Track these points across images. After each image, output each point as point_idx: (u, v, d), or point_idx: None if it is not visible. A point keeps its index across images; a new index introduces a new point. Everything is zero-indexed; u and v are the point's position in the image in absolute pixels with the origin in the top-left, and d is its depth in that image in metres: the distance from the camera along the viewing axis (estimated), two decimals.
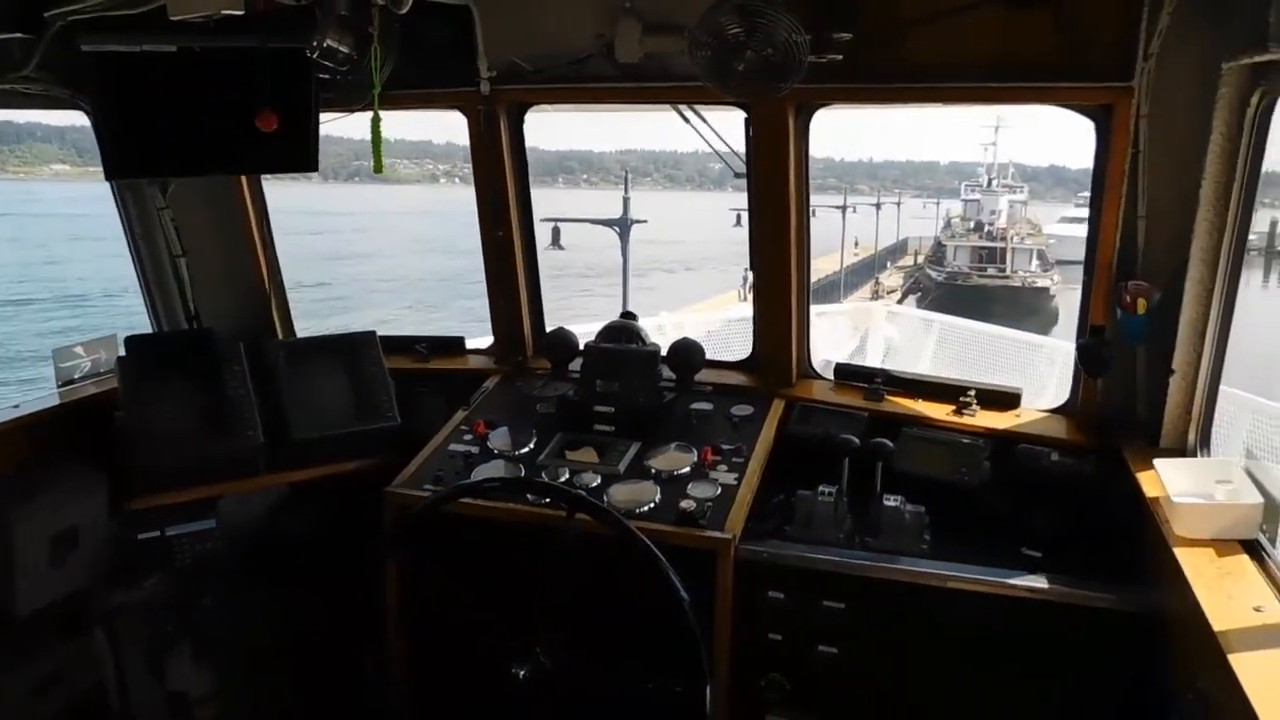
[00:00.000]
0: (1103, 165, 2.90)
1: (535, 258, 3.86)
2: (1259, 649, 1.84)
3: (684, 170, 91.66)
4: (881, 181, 74.85)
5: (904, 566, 2.71)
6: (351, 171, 75.48)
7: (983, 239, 41.49)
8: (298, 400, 3.48)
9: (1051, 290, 37.54)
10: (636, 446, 3.20)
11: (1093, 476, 2.92)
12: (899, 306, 21.82)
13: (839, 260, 37.09)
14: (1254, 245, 11.89)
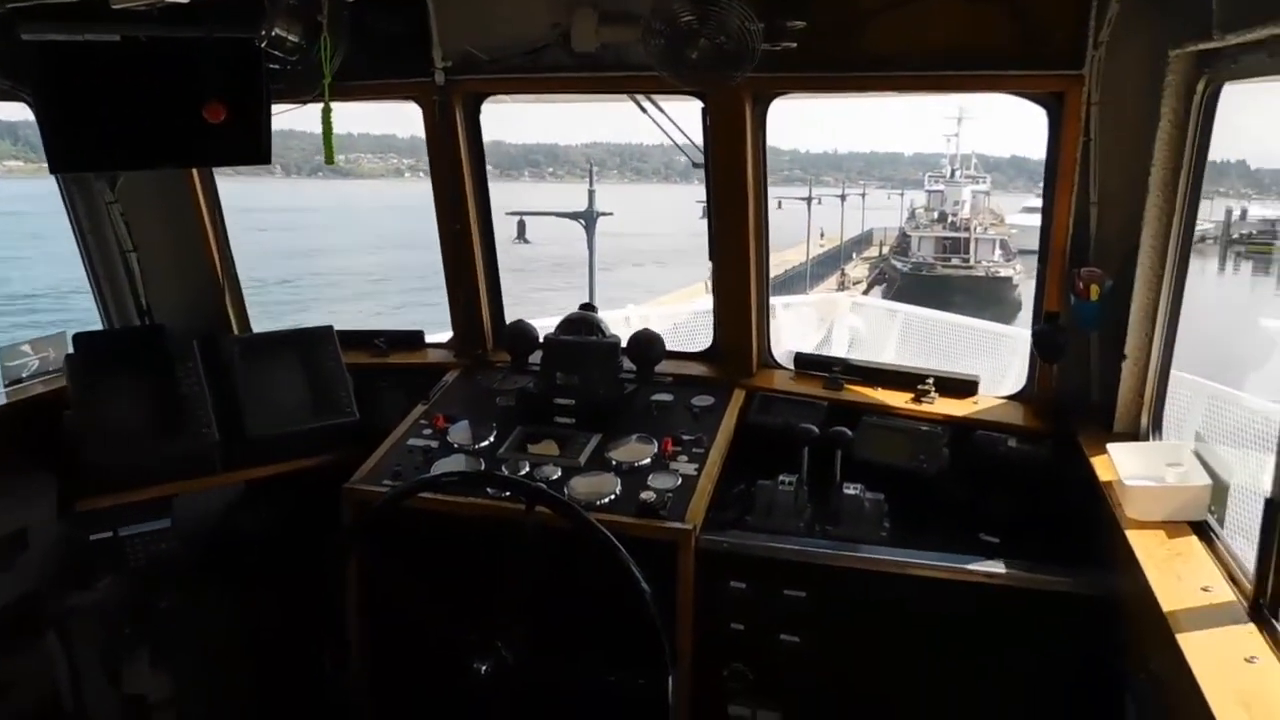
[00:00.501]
0: (1055, 153, 2.93)
1: (494, 250, 3.83)
2: (1206, 628, 1.87)
3: (650, 163, 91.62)
4: (846, 173, 75.23)
5: (864, 554, 2.72)
6: (315, 166, 74.70)
7: (947, 229, 41.88)
8: (253, 396, 3.43)
9: (1014, 280, 37.97)
10: (597, 438, 3.19)
11: (1049, 461, 2.95)
12: (864, 297, 21.95)
13: (805, 252, 37.28)
14: (1210, 234, 12.13)
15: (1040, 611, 2.57)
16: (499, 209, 4.11)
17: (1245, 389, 5.00)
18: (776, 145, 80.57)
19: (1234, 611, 1.93)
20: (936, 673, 2.67)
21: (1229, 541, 2.21)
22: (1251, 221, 34.87)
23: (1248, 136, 3.15)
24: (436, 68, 3.33)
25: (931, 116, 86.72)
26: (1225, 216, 37.94)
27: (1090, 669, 2.50)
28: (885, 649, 2.71)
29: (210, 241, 3.80)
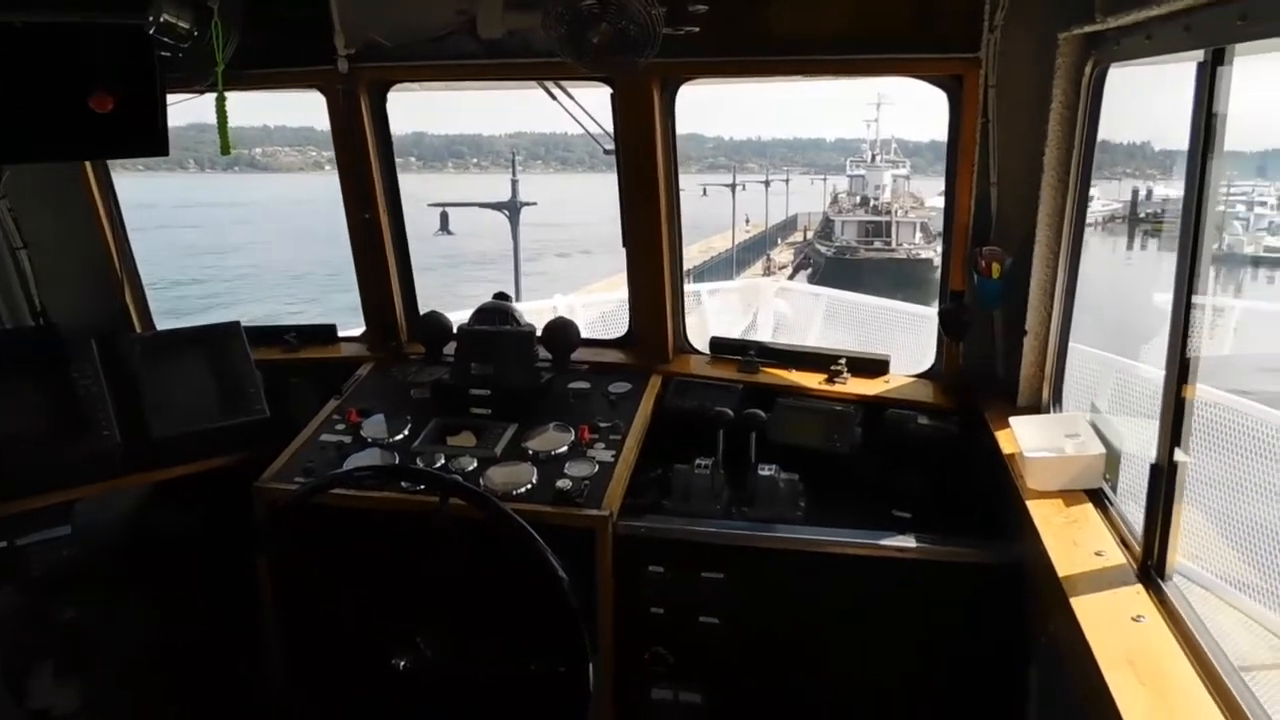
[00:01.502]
0: (956, 135, 2.99)
1: (405, 240, 3.76)
2: (1098, 591, 1.94)
3: (575, 152, 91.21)
4: (770, 159, 75.98)
5: (780, 534, 2.75)
6: (230, 161, 72.72)
7: (869, 213, 42.59)
8: (157, 396, 3.32)
9: (935, 261, 38.72)
10: (514, 428, 3.17)
11: (956, 437, 3.03)
12: (789, 282, 22.20)
13: (730, 238, 37.56)
14: (1118, 214, 12.52)
15: (951, 583, 2.63)
16: (421, 200, 4.05)
17: (1141, 359, 5.21)
18: (700, 132, 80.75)
19: (1124, 574, 2.00)
20: (853, 646, 2.73)
21: (1122, 508, 2.29)
22: (1156, 201, 36.20)
23: (1153, 118, 3.28)
24: (339, 55, 3.24)
25: (852, 103, 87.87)
26: (1132, 196, 39.32)
27: (999, 636, 2.57)
28: (803, 626, 2.75)
29: (107, 237, 3.66)
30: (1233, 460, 4.71)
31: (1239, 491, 4.70)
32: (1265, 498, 4.63)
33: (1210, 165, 1.85)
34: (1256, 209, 24.13)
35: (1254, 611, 4.60)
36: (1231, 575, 4.47)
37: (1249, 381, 5.60)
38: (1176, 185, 2.02)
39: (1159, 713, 1.55)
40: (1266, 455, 4.71)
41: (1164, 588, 1.89)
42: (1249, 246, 22.98)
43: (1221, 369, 6.03)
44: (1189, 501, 2.02)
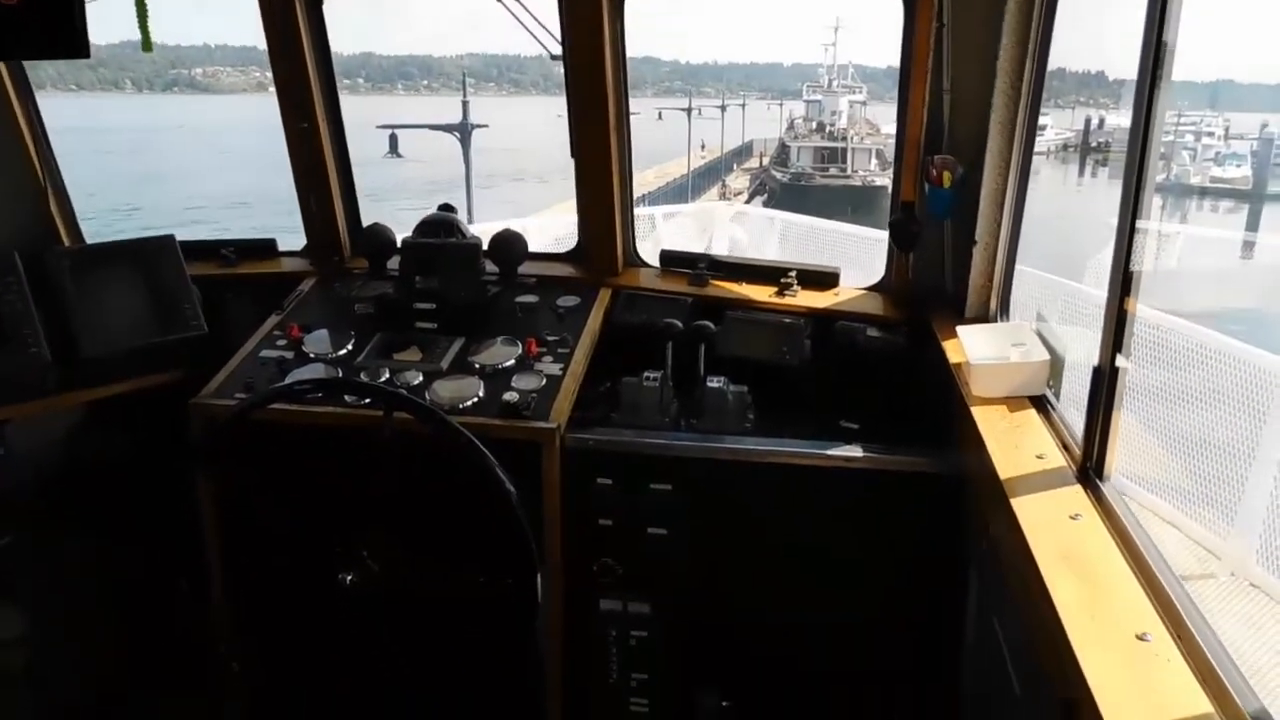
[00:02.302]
0: (910, 41, 2.93)
1: (346, 150, 3.63)
2: (1037, 491, 1.96)
3: (528, 74, 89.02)
4: (727, 84, 74.92)
5: (728, 445, 2.75)
6: (169, 81, 69.90)
7: (825, 140, 42.33)
8: (87, 313, 3.20)
9: (889, 189, 38.66)
10: (460, 342, 3.12)
11: (905, 349, 3.03)
12: (745, 206, 22.10)
13: (686, 164, 37.17)
14: (1070, 143, 12.60)
15: (897, 492, 2.66)
16: (368, 123, 3.89)
17: (1087, 281, 5.28)
18: (657, 55, 79.06)
19: (1064, 475, 2.03)
20: (799, 555, 2.76)
21: (1064, 413, 2.31)
22: (1108, 130, 36.47)
23: (1107, 47, 3.26)
24: None
25: (811, 26, 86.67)
26: (1085, 125, 39.57)
27: (942, 542, 2.61)
28: (750, 536, 2.77)
29: (27, 145, 3.47)
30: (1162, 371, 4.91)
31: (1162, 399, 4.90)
32: (1185, 405, 4.83)
33: (1158, 93, 1.84)
34: (1204, 139, 24.40)
35: (1180, 523, 4.80)
36: (1157, 480, 4.66)
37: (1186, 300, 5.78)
38: (1129, 115, 2.00)
39: (1092, 604, 1.57)
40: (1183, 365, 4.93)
41: (1101, 488, 1.92)
42: (1195, 177, 23.31)
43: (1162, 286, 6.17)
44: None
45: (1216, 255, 9.88)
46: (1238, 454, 4.97)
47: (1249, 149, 24.03)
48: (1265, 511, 5.01)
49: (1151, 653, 1.46)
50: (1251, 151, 23.86)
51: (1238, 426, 5.00)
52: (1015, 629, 1.77)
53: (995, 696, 1.94)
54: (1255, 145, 23.81)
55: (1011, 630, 1.81)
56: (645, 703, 2.94)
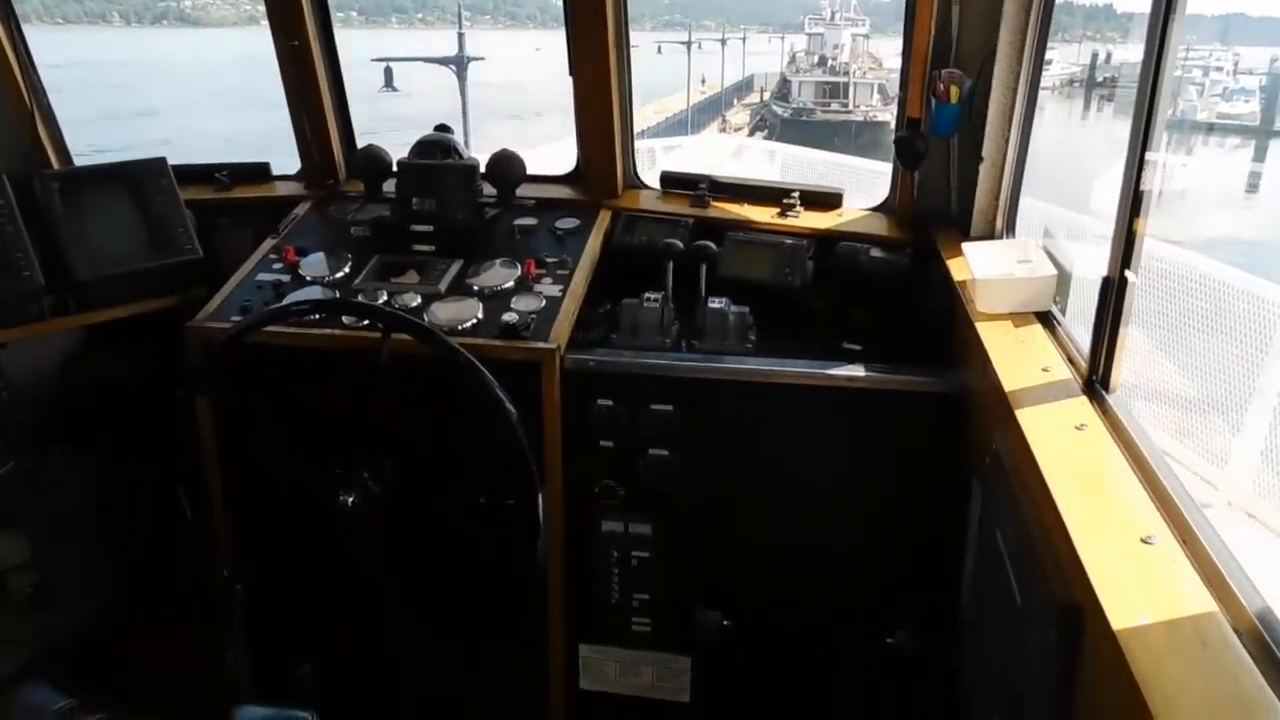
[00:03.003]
0: None
1: (339, 70, 3.54)
2: (1042, 403, 1.94)
3: (525, 7, 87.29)
4: (728, 17, 73.38)
5: (729, 365, 2.73)
6: (158, 14, 68.41)
7: (826, 74, 41.61)
8: (79, 236, 3.14)
9: (892, 125, 38.14)
10: (458, 265, 3.08)
11: (909, 269, 2.99)
12: (746, 139, 21.82)
13: (685, 99, 36.60)
14: (1076, 78, 12.41)
15: (899, 411, 2.65)
16: (363, 57, 3.79)
17: (1092, 211, 5.23)
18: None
19: (1069, 387, 2.01)
20: (800, 476, 2.75)
21: (1070, 328, 2.29)
22: (1114, 65, 35.85)
23: None
24: None
25: None
26: (1091, 60, 38.86)
27: (944, 461, 2.61)
28: (751, 457, 2.76)
29: (13, 67, 3.38)
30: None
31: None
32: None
33: (1172, 22, 1.78)
34: (1212, 74, 23.91)
35: (1177, 454, 4.84)
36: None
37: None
38: (1135, 49, 1.94)
39: (1096, 510, 1.56)
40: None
41: (1107, 399, 1.90)
42: (1203, 113, 22.89)
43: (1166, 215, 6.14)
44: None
45: (1221, 189, 9.79)
46: (1238, 382, 4.99)
47: (1258, 84, 23.60)
48: (1264, 442, 5.04)
49: (1156, 555, 1.45)
50: (1260, 87, 23.43)
51: (1239, 356, 5.00)
52: (1018, 540, 1.77)
53: (996, 607, 1.95)
54: (1264, 80, 23.38)
55: (1014, 542, 1.80)
56: (647, 622, 2.97)
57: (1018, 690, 1.73)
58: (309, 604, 2.96)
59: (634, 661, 3.03)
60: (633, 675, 3.04)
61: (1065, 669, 1.50)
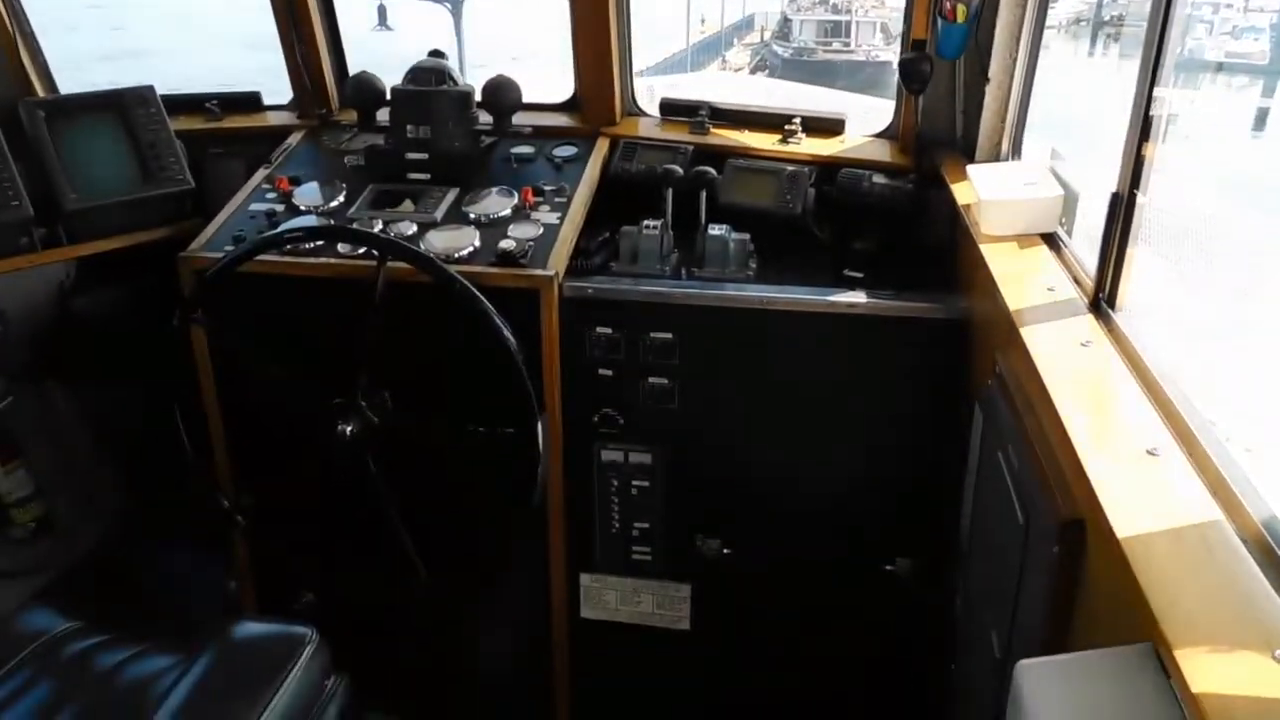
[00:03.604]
0: None
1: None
2: (1047, 321, 1.92)
3: None
4: None
5: (729, 292, 2.70)
6: None
7: (828, 12, 40.82)
8: (67, 165, 3.09)
9: (894, 65, 37.53)
10: (454, 193, 3.03)
11: (912, 195, 2.95)
12: (746, 78, 21.50)
13: (685, 38, 35.97)
14: (1083, 16, 12.06)
15: (901, 337, 2.62)
16: None
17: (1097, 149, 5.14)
18: None
19: (1075, 306, 1.98)
20: (801, 404, 2.74)
21: (1076, 249, 2.25)
22: (1121, 2, 35.21)
23: None
24: None
25: None
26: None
27: (946, 386, 2.59)
28: (752, 385, 2.75)
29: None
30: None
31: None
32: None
33: None
34: (1222, 11, 23.46)
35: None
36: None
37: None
38: None
39: (1101, 424, 1.55)
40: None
41: (1113, 316, 1.87)
42: (1210, 52, 22.50)
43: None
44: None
45: (1228, 127, 9.64)
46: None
47: (1269, 21, 23.20)
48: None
49: (1161, 466, 1.44)
50: (1270, 25, 23.03)
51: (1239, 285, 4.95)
52: (1020, 459, 1.76)
53: (997, 528, 1.95)
54: (1275, 18, 22.98)
55: (1016, 460, 1.79)
56: (647, 550, 2.98)
57: (1016, 606, 1.73)
58: (310, 534, 2.97)
59: (634, 590, 3.05)
60: (633, 603, 3.07)
61: (1067, 581, 1.50)
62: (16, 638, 2.01)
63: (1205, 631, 1.10)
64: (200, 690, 1.56)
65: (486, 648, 3.19)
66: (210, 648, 1.66)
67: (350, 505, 2.87)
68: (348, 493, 2.81)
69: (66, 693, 1.87)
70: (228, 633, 1.70)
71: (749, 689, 3.12)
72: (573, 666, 3.16)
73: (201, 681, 1.58)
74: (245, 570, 3.12)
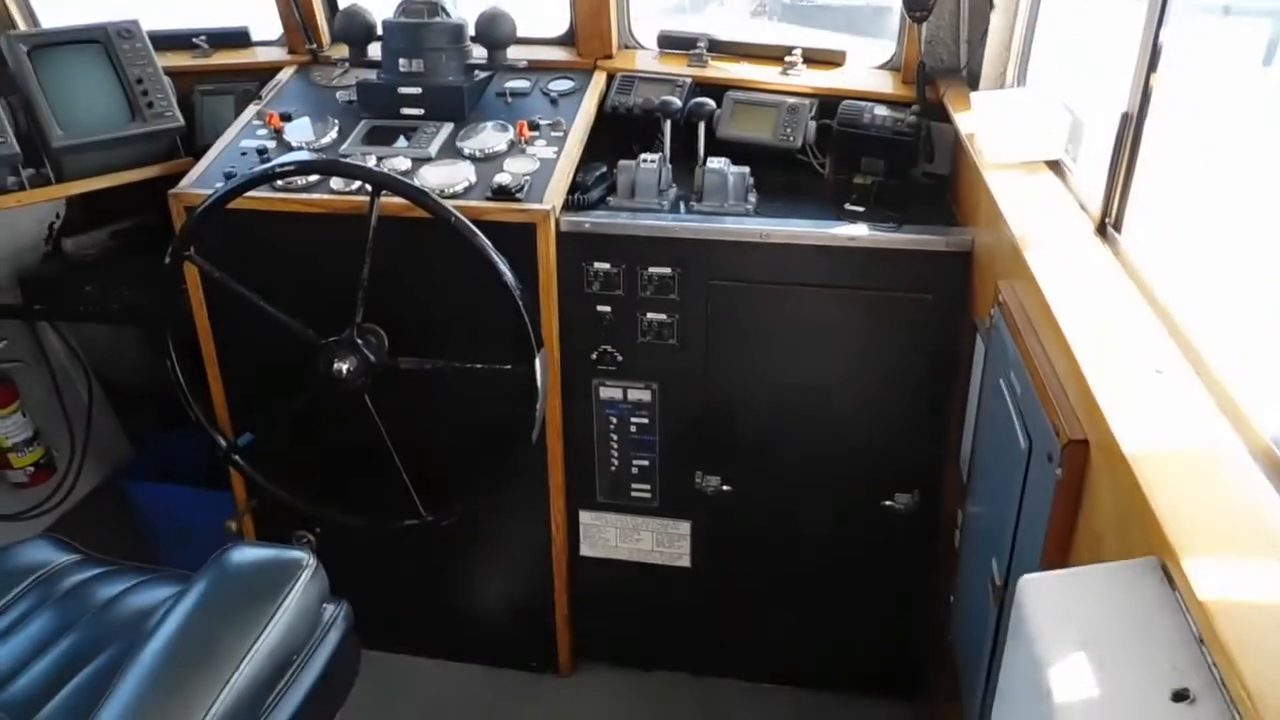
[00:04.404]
0: None
1: None
2: (1052, 246, 1.89)
3: None
4: None
5: (729, 225, 2.66)
6: None
7: None
8: (53, 102, 3.02)
9: (897, 7, 36.97)
10: (448, 128, 2.98)
11: (915, 126, 2.89)
12: (746, 20, 21.10)
13: None
14: None
15: (902, 270, 2.58)
16: None
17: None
18: None
19: (1081, 230, 1.95)
20: (801, 338, 2.71)
21: (1082, 174, 2.21)
22: None
23: None
24: None
25: None
26: None
27: (949, 318, 2.57)
28: (751, 319, 2.72)
29: None
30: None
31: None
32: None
33: None
34: None
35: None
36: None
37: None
38: None
39: (1108, 344, 1.52)
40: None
41: (1119, 239, 1.84)
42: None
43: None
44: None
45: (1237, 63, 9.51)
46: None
47: None
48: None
49: (1169, 385, 1.42)
50: None
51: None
52: (1023, 384, 1.73)
53: (999, 455, 1.93)
54: None
55: (1019, 386, 1.77)
56: (647, 488, 2.98)
57: (1017, 532, 1.73)
58: (308, 473, 2.96)
59: (634, 527, 3.05)
60: (633, 541, 3.07)
61: (1069, 503, 1.49)
62: (16, 569, 2.01)
63: (1212, 542, 1.09)
64: (194, 614, 1.56)
65: (486, 587, 3.20)
66: (205, 574, 1.65)
67: (348, 444, 2.86)
68: (345, 432, 2.80)
69: (67, 621, 1.88)
70: (224, 559, 1.69)
71: (749, 624, 3.14)
72: (573, 604, 3.17)
73: (196, 606, 1.57)
74: (244, 510, 3.12)
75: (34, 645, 1.82)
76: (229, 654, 1.48)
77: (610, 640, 3.28)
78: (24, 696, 1.68)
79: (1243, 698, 0.88)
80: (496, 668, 3.30)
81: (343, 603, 1.93)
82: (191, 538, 3.27)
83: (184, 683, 1.43)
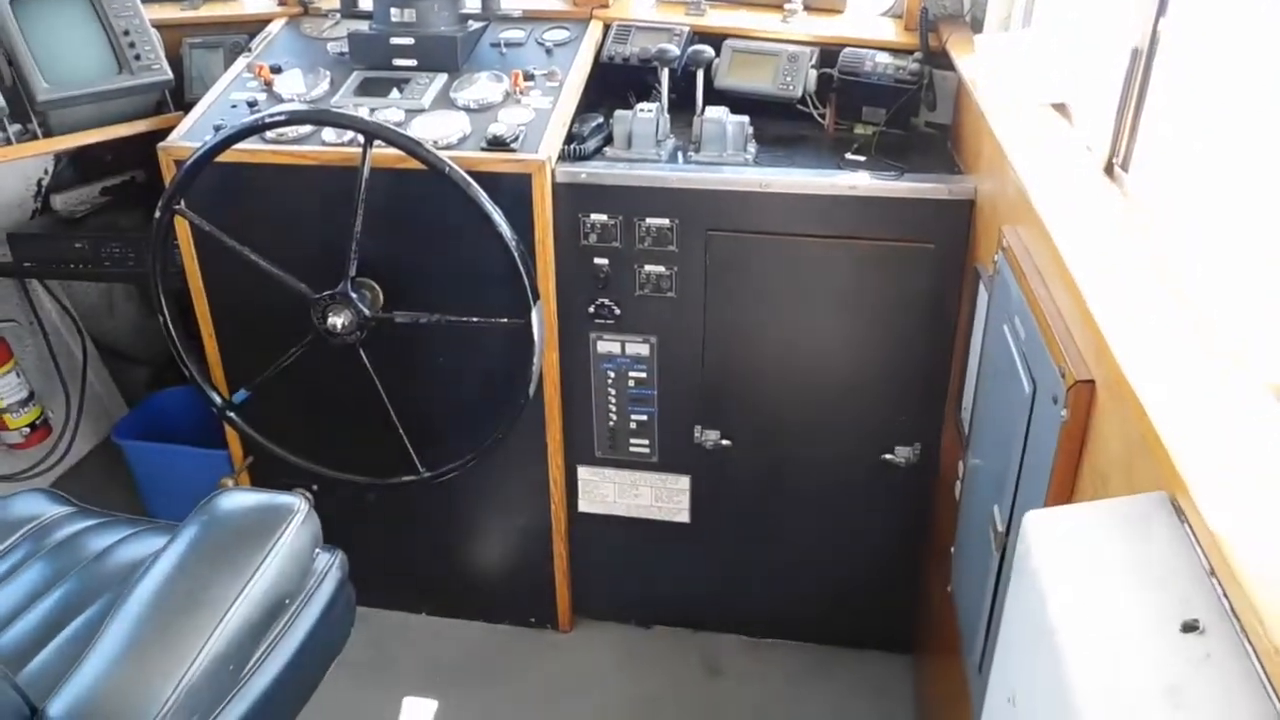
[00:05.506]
0: None
1: None
2: (1058, 188, 1.84)
3: None
4: None
5: (728, 175, 2.61)
6: None
7: None
8: (39, 55, 2.96)
9: None
10: (442, 79, 2.92)
11: (917, 74, 2.83)
12: None
13: None
14: None
15: (905, 219, 2.54)
16: None
17: None
18: None
19: (1088, 171, 1.91)
20: (800, 290, 2.67)
21: (1088, 115, 2.16)
22: None
23: None
24: None
25: None
26: None
27: (951, 266, 2.53)
28: (750, 271, 2.68)
29: None
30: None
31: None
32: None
33: None
34: None
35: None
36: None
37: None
38: None
39: (1115, 282, 1.49)
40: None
41: (1126, 179, 1.80)
42: None
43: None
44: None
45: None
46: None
47: None
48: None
49: (1177, 324, 1.39)
50: None
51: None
52: (1028, 327, 1.70)
53: (1002, 402, 1.91)
54: None
55: (1024, 330, 1.74)
56: (645, 443, 2.96)
57: (1020, 478, 1.70)
58: (304, 430, 2.94)
59: (633, 483, 3.03)
60: (632, 496, 3.06)
61: (1074, 445, 1.46)
62: (8, 521, 1.99)
63: (1223, 476, 1.06)
64: (184, 557, 1.54)
65: (485, 542, 3.19)
66: (195, 519, 1.63)
67: (345, 401, 2.84)
68: (342, 389, 2.77)
69: (59, 572, 1.86)
70: (213, 504, 1.67)
71: (749, 578, 3.13)
72: (572, 560, 3.17)
73: (186, 549, 1.55)
74: (240, 467, 3.10)
75: (26, 595, 1.80)
76: (220, 596, 1.46)
77: (609, 595, 3.27)
78: (16, 646, 1.67)
79: (1254, 626, 0.86)
80: (496, 624, 3.31)
81: (337, 551, 1.92)
82: (188, 496, 3.25)
83: (175, 624, 1.41)
